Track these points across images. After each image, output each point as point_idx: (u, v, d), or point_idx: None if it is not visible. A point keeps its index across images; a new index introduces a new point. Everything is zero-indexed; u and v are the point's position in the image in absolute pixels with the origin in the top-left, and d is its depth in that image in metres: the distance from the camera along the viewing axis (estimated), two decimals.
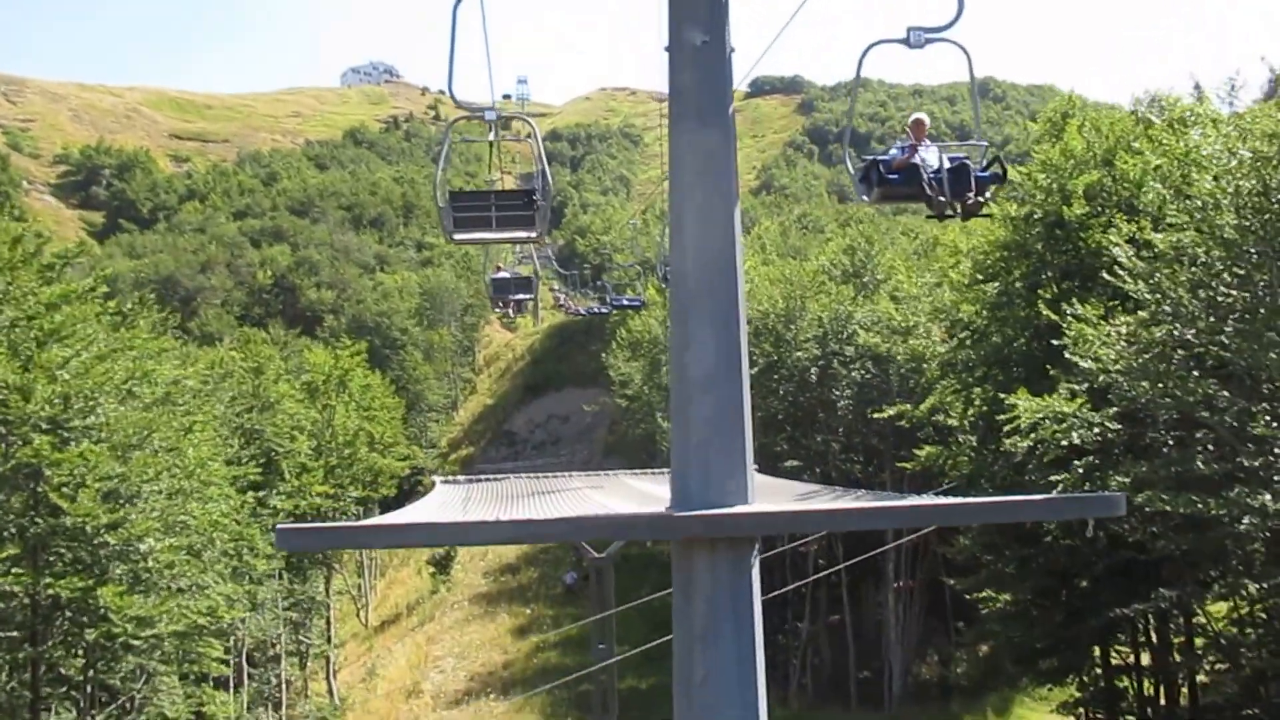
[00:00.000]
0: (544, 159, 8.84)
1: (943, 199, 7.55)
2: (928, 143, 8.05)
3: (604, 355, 50.07)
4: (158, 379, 19.14)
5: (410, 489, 55.53)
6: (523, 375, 65.49)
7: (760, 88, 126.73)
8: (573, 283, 61.17)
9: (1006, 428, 14.18)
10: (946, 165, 7.66)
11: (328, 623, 34.49)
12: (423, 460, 56.17)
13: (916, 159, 7.84)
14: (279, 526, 6.54)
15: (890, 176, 7.67)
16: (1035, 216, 16.83)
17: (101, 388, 16.62)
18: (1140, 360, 12.39)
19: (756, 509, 8.09)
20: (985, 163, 7.99)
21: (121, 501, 16.63)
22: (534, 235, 9.09)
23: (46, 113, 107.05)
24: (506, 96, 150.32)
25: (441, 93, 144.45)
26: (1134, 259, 13.10)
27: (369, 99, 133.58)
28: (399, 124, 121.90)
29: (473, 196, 9.14)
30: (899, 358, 26.37)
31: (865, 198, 8.02)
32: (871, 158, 8.00)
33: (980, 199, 7.58)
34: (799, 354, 29.71)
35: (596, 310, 38.38)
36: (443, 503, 17.33)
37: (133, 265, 73.52)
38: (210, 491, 19.08)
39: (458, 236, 8.81)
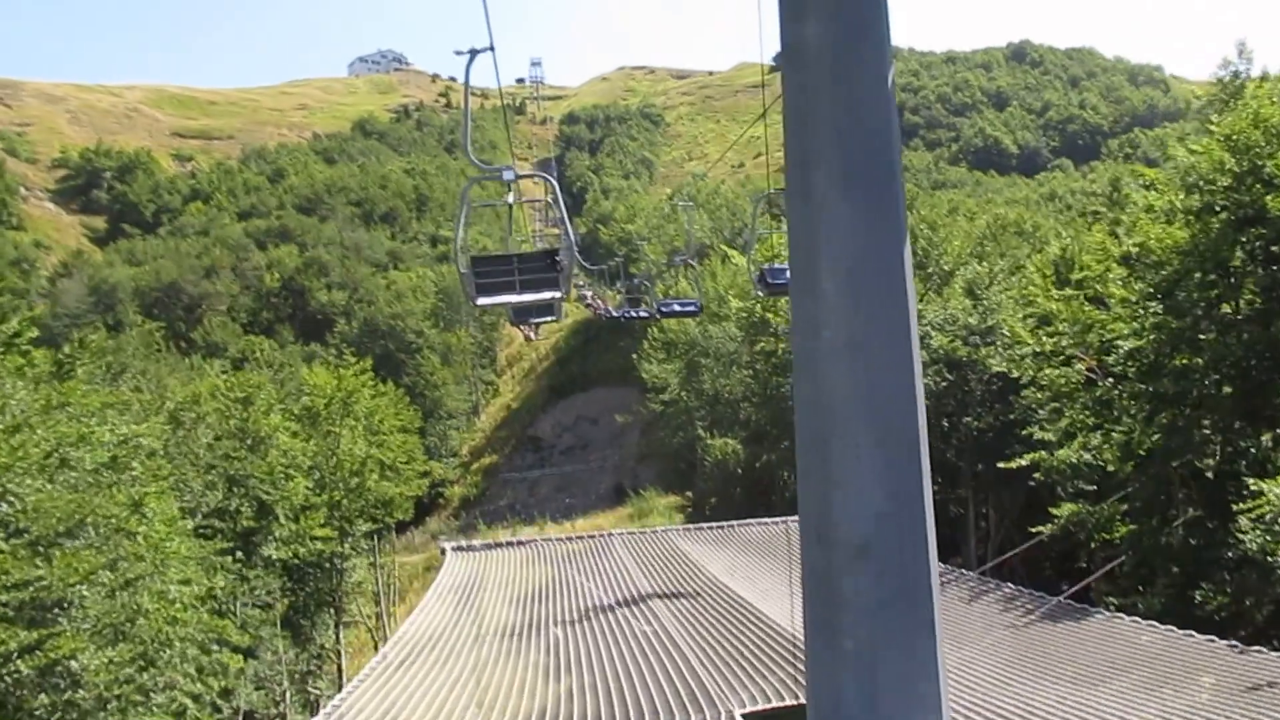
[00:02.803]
0: (566, 218, 8.75)
1: None
2: None
3: (634, 355, 46.45)
4: (100, 441, 15.73)
5: (431, 501, 52.45)
6: (547, 376, 62.00)
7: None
8: (601, 278, 57.25)
9: (1241, 518, 10.33)
10: None
11: (339, 670, 31.26)
12: (443, 473, 53.01)
13: None
14: None
15: None
16: (1217, 209, 12.58)
17: (13, 468, 13.23)
18: None
19: None
20: None
21: (45, 611, 13.26)
22: (558, 296, 8.89)
23: (44, 115, 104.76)
24: (520, 81, 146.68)
25: (453, 79, 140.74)
26: None
27: (378, 88, 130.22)
28: (409, 113, 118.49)
29: (495, 261, 9.02)
30: (992, 364, 22.38)
31: None
32: None
33: None
34: None
35: (633, 315, 34.43)
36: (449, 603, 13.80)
37: (133, 273, 70.86)
38: (170, 574, 15.69)
39: (481, 301, 8.74)
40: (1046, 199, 62.45)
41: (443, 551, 16.35)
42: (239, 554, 24.78)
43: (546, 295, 8.81)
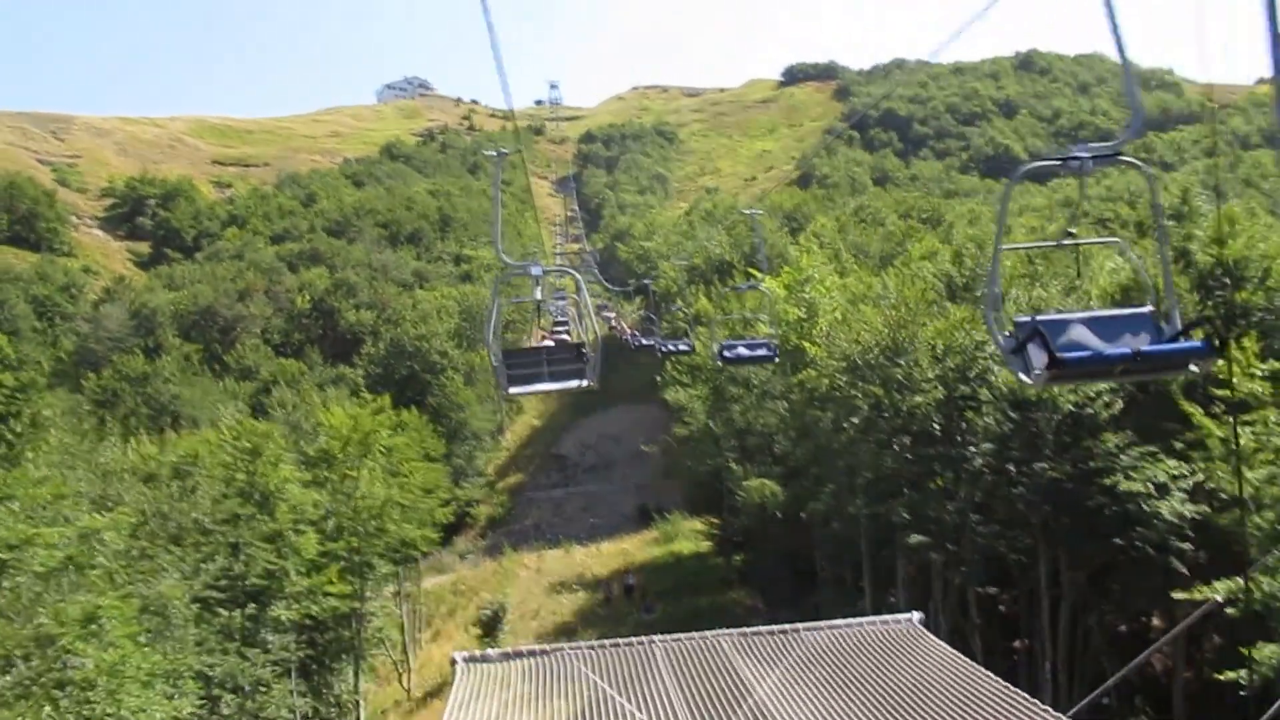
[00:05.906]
0: (591, 310, 10.01)
1: None
2: None
3: (657, 378, 42.76)
4: (49, 543, 12.21)
5: (459, 520, 48.84)
6: (570, 393, 58.37)
7: (794, 75, 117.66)
8: (625, 297, 53.70)
9: None
10: None
11: None
12: (469, 493, 49.50)
13: None
14: None
15: None
16: None
17: None
18: None
19: None
20: None
21: None
22: (585, 384, 8.76)
23: (92, 147, 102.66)
24: (539, 102, 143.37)
25: (475, 102, 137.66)
26: None
27: (404, 113, 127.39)
28: (434, 136, 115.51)
29: (526, 354, 9.21)
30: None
31: None
32: None
33: None
34: (918, 399, 21.93)
35: (671, 348, 30.43)
36: None
37: (172, 297, 67.93)
38: (127, 704, 12.12)
39: (513, 390, 8.68)
40: (1061, 205, 58.19)
41: (453, 663, 12.57)
42: (249, 608, 21.34)
43: (574, 384, 8.80)
